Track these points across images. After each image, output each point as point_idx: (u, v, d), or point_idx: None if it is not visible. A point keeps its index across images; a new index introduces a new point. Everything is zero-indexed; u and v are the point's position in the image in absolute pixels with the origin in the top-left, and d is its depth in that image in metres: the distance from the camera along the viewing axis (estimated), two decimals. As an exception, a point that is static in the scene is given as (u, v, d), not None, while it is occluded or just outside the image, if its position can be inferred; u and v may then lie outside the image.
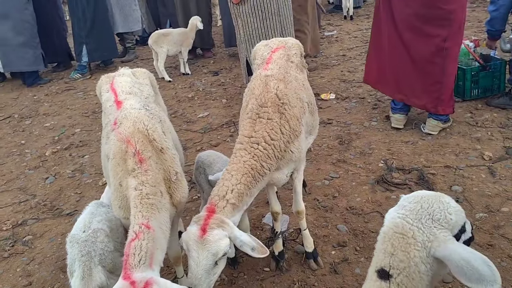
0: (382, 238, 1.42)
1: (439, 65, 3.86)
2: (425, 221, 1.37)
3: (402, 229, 1.37)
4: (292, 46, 2.76)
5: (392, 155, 3.88)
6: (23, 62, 7.22)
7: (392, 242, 1.37)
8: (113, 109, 2.29)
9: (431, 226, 1.36)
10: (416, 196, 1.46)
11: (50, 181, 4.17)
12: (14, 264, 3.04)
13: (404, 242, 1.35)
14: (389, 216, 1.45)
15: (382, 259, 1.38)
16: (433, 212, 1.38)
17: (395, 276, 1.35)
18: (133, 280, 1.59)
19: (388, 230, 1.41)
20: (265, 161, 2.09)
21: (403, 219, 1.39)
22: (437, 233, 1.34)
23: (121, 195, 2.02)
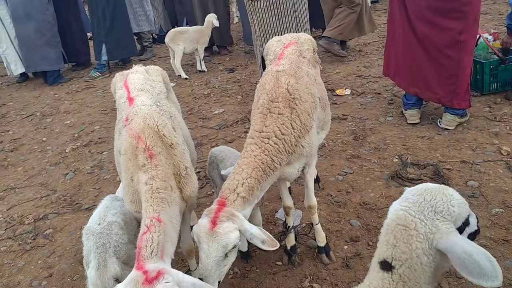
0: (385, 230, 1.44)
1: (454, 58, 3.80)
2: (427, 213, 1.38)
3: (404, 221, 1.39)
4: (304, 41, 2.78)
5: (408, 150, 3.85)
6: (45, 61, 7.42)
7: (394, 234, 1.39)
8: (125, 105, 2.35)
9: (433, 218, 1.36)
10: (420, 188, 1.47)
11: (70, 176, 4.29)
12: (36, 257, 3.15)
13: (406, 233, 1.36)
14: (392, 208, 1.46)
15: (384, 251, 1.40)
16: (435, 204, 1.39)
17: (397, 267, 1.36)
18: (146, 270, 1.64)
19: (391, 222, 1.42)
20: (275, 156, 2.11)
21: (405, 211, 1.40)
22: (439, 225, 1.35)
23: (132, 189, 2.07)
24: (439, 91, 3.99)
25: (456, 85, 3.88)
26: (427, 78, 4.02)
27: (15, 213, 3.74)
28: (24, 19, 7.15)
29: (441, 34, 3.79)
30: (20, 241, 3.33)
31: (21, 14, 7.14)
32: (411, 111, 4.28)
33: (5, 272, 3.02)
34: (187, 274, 1.79)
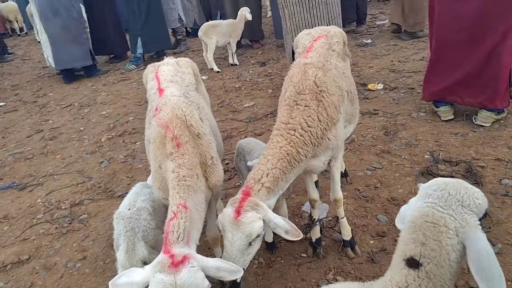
0: (410, 228, 1.41)
1: (496, 58, 3.71)
2: (455, 207, 1.36)
3: (432, 218, 1.36)
4: (334, 34, 2.76)
5: (440, 146, 3.76)
6: (72, 58, 7.59)
7: (423, 231, 1.36)
8: (156, 96, 2.42)
9: (462, 212, 1.35)
10: (439, 184, 1.45)
11: (104, 165, 4.45)
12: (71, 240, 3.30)
13: (436, 231, 1.35)
14: (414, 205, 1.44)
15: (412, 249, 1.38)
16: (462, 198, 1.37)
17: (425, 265, 1.35)
18: (172, 254, 1.70)
19: (417, 220, 1.40)
20: (301, 148, 2.12)
21: (432, 207, 1.38)
22: (468, 218, 1.34)
23: (160, 177, 2.14)
24: (480, 95, 3.89)
25: (497, 86, 3.80)
26: (468, 83, 3.93)
27: (53, 198, 3.93)
28: (51, 16, 7.32)
29: (485, 34, 3.70)
30: (57, 225, 3.50)
31: (48, 11, 7.31)
32: (444, 107, 4.18)
33: (43, 253, 3.19)
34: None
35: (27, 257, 3.15)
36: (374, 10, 9.73)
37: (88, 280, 2.85)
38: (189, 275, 1.61)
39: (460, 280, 2.41)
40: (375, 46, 7.04)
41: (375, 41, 7.31)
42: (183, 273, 1.62)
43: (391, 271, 1.46)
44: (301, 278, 2.60)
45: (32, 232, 3.46)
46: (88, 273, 2.92)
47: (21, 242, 3.35)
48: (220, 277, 1.74)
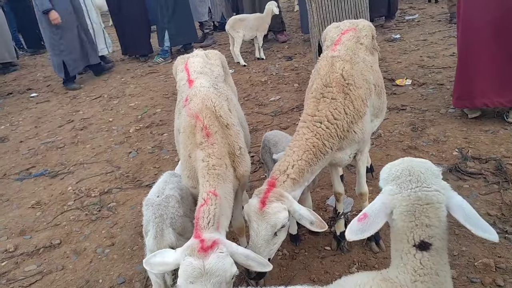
0: (408, 216, 1.44)
1: None
2: (434, 181, 1.44)
3: (426, 200, 1.42)
4: (363, 28, 2.75)
5: (469, 144, 3.69)
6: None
7: (425, 214, 1.41)
8: (185, 87, 2.47)
9: (438, 183, 1.43)
10: (403, 168, 1.50)
11: (133, 155, 4.55)
12: (100, 227, 3.41)
13: (435, 209, 1.40)
14: (399, 196, 1.46)
15: (420, 234, 1.41)
16: (429, 171, 1.46)
17: (434, 243, 1.41)
18: (203, 238, 1.75)
19: (413, 207, 1.43)
20: (327, 140, 2.13)
21: (420, 191, 1.43)
22: (443, 185, 1.44)
23: (190, 166, 2.19)
24: (508, 93, 3.78)
25: None
26: (497, 83, 3.80)
27: (83, 186, 4.06)
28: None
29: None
30: (87, 212, 3.62)
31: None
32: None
33: (73, 239, 3.31)
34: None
35: (59, 242, 3.27)
36: (403, 4, 9.54)
37: (116, 266, 2.94)
38: (218, 260, 1.65)
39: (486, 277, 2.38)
40: (404, 41, 6.92)
41: (404, 36, 7.18)
42: (211, 258, 1.66)
43: (400, 259, 1.47)
44: (324, 271, 2.62)
45: (63, 218, 3.58)
46: (116, 258, 3.01)
47: (52, 227, 3.48)
48: (248, 265, 1.78)
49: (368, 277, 1.54)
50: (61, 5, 6.62)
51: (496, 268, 2.41)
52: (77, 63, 7.13)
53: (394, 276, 1.47)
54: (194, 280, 1.65)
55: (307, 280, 2.56)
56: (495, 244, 2.54)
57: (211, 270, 1.63)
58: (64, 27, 6.72)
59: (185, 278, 1.68)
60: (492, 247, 2.56)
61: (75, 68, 7.15)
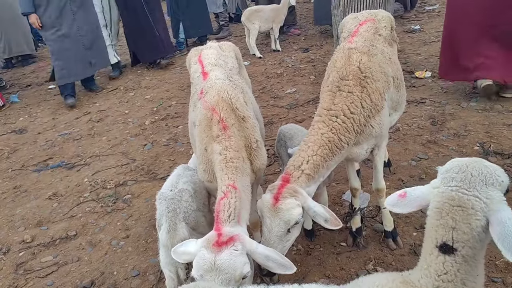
0: (437, 213, 1.38)
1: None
2: (480, 188, 1.34)
3: (459, 202, 1.34)
4: (382, 18, 2.66)
5: (491, 138, 3.58)
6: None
7: (452, 216, 1.34)
8: (200, 79, 2.43)
9: (486, 191, 1.33)
10: (460, 165, 1.41)
11: (148, 148, 4.56)
12: (115, 219, 3.42)
13: (465, 214, 1.32)
14: (437, 190, 1.41)
15: (443, 234, 1.35)
16: (484, 178, 1.35)
17: (460, 249, 1.32)
18: (221, 232, 1.73)
19: (443, 205, 1.37)
20: (343, 135, 2.08)
21: (457, 191, 1.36)
22: (493, 195, 1.33)
23: (206, 159, 2.16)
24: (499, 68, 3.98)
25: None
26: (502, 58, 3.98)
27: (98, 178, 4.08)
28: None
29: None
30: (103, 204, 3.64)
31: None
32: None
33: (89, 231, 3.33)
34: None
35: (74, 233, 3.30)
36: (424, -6, 9.31)
37: (130, 258, 2.95)
38: (229, 258, 1.62)
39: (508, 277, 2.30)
40: (423, 32, 6.75)
41: (424, 27, 7.00)
42: (224, 254, 1.64)
43: (425, 260, 1.42)
44: (340, 267, 2.57)
45: (79, 210, 3.61)
46: (130, 251, 3.02)
47: (68, 218, 3.52)
48: (267, 266, 1.73)
49: (387, 279, 1.48)
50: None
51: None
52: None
53: (416, 280, 1.41)
54: (204, 273, 1.64)
55: (322, 276, 2.52)
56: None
57: (221, 267, 1.60)
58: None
59: (197, 269, 1.67)
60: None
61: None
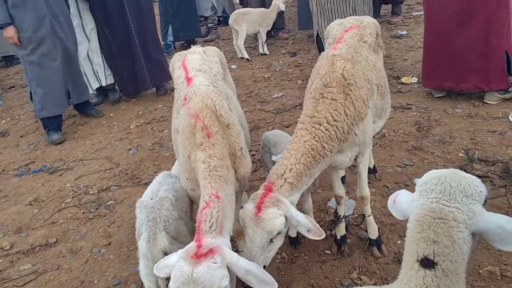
0: (417, 226, 1.35)
1: (481, 43, 4.00)
2: (460, 199, 1.32)
3: (440, 214, 1.31)
4: (367, 25, 2.65)
5: (475, 145, 3.59)
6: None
7: (433, 229, 1.31)
8: (183, 85, 2.39)
9: (467, 203, 1.31)
10: (438, 177, 1.39)
11: (132, 152, 4.49)
12: (97, 225, 3.35)
13: (446, 226, 1.30)
14: (416, 203, 1.38)
15: (424, 248, 1.32)
16: (463, 188, 1.33)
17: (441, 263, 1.29)
18: (201, 244, 1.68)
19: (424, 218, 1.34)
20: (326, 142, 2.05)
21: (437, 203, 1.33)
22: (474, 208, 1.31)
23: (189, 167, 2.12)
24: (472, 78, 4.18)
25: (489, 68, 4.08)
26: (459, 68, 4.21)
27: (81, 183, 4.01)
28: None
29: (467, 20, 4.01)
30: (85, 210, 3.56)
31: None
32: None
33: (69, 237, 3.26)
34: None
35: (55, 240, 3.23)
36: (410, 0, 9.38)
37: (112, 266, 2.89)
38: (207, 271, 1.58)
39: (491, 286, 2.30)
40: (410, 38, 6.79)
41: (411, 32, 7.04)
42: (201, 267, 1.59)
43: (405, 274, 1.39)
44: (324, 276, 2.55)
45: (60, 216, 3.54)
46: (112, 259, 2.96)
47: (49, 225, 3.44)
48: (247, 281, 1.68)
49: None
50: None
51: (501, 277, 2.33)
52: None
53: None
54: (181, 286, 1.59)
55: (306, 285, 2.50)
56: (501, 252, 2.45)
57: (198, 279, 1.56)
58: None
59: (174, 281, 1.62)
60: (498, 254, 2.47)
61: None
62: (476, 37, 4.03)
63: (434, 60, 4.38)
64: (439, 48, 4.28)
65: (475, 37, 4.03)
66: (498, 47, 4.01)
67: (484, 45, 4.02)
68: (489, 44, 4.00)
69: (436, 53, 4.33)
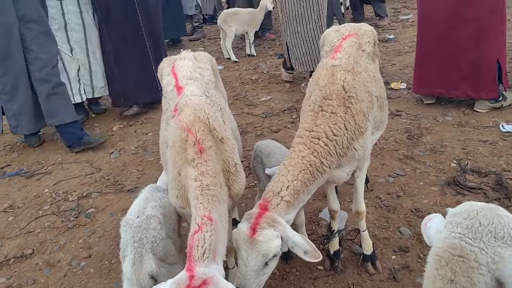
0: (436, 261, 1.25)
1: (476, 49, 3.96)
2: (487, 240, 1.20)
3: (461, 251, 1.20)
4: (365, 33, 2.55)
5: (467, 155, 3.55)
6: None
7: (451, 266, 1.20)
8: (173, 94, 2.24)
9: (494, 245, 1.18)
10: (470, 210, 1.27)
11: (115, 156, 4.31)
12: (77, 235, 3.18)
13: (466, 266, 1.18)
14: (440, 235, 1.27)
15: (439, 286, 1.21)
16: (494, 229, 1.21)
17: None
18: (193, 274, 1.54)
19: (444, 253, 1.23)
20: (325, 158, 1.95)
21: (460, 239, 1.22)
22: (502, 252, 1.17)
23: (179, 184, 1.97)
24: (463, 86, 4.16)
25: (480, 76, 4.05)
26: (449, 75, 4.19)
27: (60, 188, 3.81)
28: None
29: (460, 28, 3.98)
30: (63, 218, 3.38)
31: None
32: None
33: (47, 248, 3.08)
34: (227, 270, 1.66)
35: (31, 252, 3.04)
36: (396, 4, 9.40)
37: (92, 281, 2.72)
38: None
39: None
40: (398, 42, 6.78)
41: (398, 36, 7.04)
42: None
43: None
44: (316, 293, 2.45)
45: (37, 225, 3.35)
46: (92, 273, 2.79)
47: (25, 234, 3.24)
48: None
49: None
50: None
51: None
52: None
53: None
54: None
55: (298, 303, 2.39)
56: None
57: None
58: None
59: None
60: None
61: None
62: (468, 44, 4.00)
63: (426, 66, 4.34)
64: (431, 54, 4.24)
65: (467, 44, 4.00)
66: (490, 56, 3.98)
67: (476, 52, 3.99)
68: (481, 52, 3.97)
69: (428, 59, 4.29)
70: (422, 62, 4.39)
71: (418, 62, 4.47)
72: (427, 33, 4.26)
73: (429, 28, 4.22)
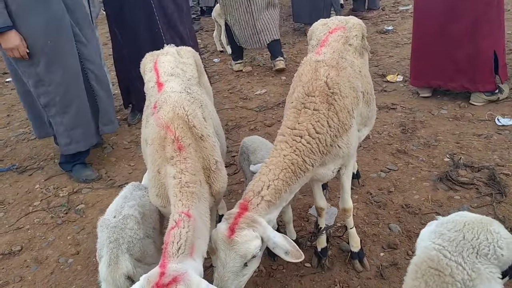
0: (413, 271, 1.20)
1: (472, 42, 3.91)
2: (467, 255, 1.13)
3: (437, 264, 1.15)
4: (353, 26, 2.49)
5: (461, 149, 3.50)
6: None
7: (425, 279, 1.15)
8: (154, 90, 2.20)
9: (474, 262, 1.12)
10: (458, 222, 1.21)
11: (107, 150, 4.28)
12: (66, 232, 3.16)
13: (440, 281, 1.13)
14: (422, 243, 1.22)
15: None
16: (478, 245, 1.14)
17: None
18: (164, 271, 1.50)
19: (421, 264, 1.18)
20: (308, 156, 1.90)
21: (439, 251, 1.16)
22: (481, 269, 1.11)
23: (159, 183, 1.94)
24: (459, 78, 4.11)
25: (476, 69, 3.99)
26: (446, 68, 4.14)
27: (51, 184, 3.79)
28: None
29: (456, 20, 3.91)
30: (53, 214, 3.37)
31: None
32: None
33: (35, 245, 3.06)
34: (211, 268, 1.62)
35: (19, 248, 3.03)
36: (397, -6, 9.26)
37: (79, 278, 2.71)
38: None
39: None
40: (396, 34, 6.66)
41: (397, 28, 6.92)
42: None
43: None
44: (303, 291, 2.42)
45: (27, 221, 3.33)
46: (79, 270, 2.78)
47: (14, 231, 3.23)
48: None
49: None
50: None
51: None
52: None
53: None
54: None
55: (283, 302, 2.37)
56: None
57: None
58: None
59: None
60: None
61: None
62: (464, 36, 3.93)
63: (423, 59, 4.28)
64: (428, 46, 4.18)
65: (463, 37, 3.94)
66: (486, 48, 3.91)
67: (472, 45, 3.93)
68: (477, 44, 3.91)
69: (425, 51, 4.23)
70: (419, 54, 4.33)
71: (414, 54, 4.41)
72: (423, 25, 4.20)
73: (425, 20, 4.16)
